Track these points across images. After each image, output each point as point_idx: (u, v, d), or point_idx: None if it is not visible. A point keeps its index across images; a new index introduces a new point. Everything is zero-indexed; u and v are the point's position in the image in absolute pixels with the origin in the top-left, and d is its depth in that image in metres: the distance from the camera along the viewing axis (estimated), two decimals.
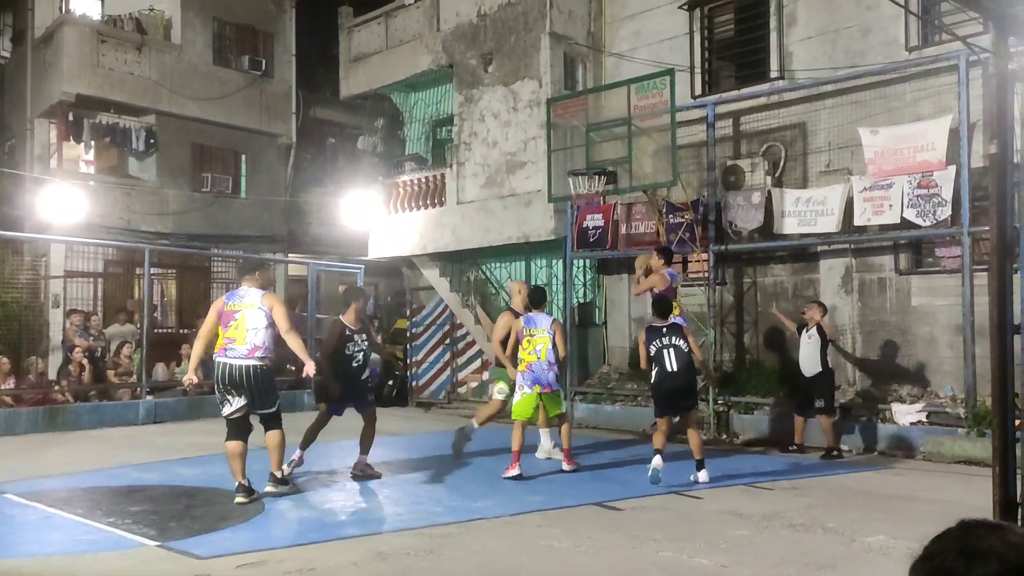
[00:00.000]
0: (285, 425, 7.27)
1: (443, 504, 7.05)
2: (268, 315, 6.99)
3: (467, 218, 14.77)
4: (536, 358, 8.32)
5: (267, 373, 7.10)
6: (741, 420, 11.21)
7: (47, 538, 5.85)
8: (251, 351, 6.94)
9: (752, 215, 11.53)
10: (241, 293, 7.14)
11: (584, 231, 13.09)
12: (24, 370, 12.51)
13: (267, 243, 19.11)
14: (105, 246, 15.78)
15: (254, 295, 7.08)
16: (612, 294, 14.03)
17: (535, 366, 8.32)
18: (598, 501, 7.10)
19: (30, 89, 17.44)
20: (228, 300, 7.17)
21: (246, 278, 7.27)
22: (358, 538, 5.88)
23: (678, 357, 7.84)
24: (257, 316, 6.97)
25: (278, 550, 5.49)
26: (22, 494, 7.10)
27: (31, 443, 10.06)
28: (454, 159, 15.17)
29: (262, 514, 6.56)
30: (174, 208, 17.79)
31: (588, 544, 5.72)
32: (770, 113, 12.00)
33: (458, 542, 5.77)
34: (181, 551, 5.40)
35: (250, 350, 6.93)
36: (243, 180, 19.43)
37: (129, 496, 7.17)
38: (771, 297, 12.00)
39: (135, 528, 5.98)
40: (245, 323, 6.94)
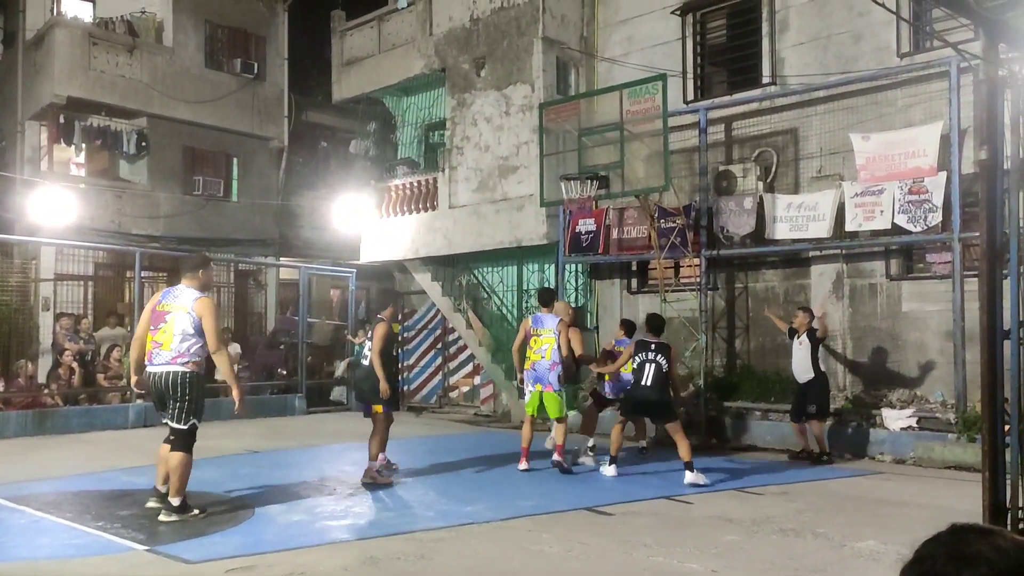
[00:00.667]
0: (277, 428, 7.24)
1: (434, 509, 7.03)
2: (197, 323, 6.35)
3: (459, 222, 14.76)
4: (540, 357, 8.64)
5: (188, 381, 6.34)
6: (732, 424, 11.22)
7: (36, 542, 5.81)
8: (175, 357, 6.32)
9: (744, 220, 11.56)
10: (176, 292, 6.55)
11: (576, 236, 13.09)
12: (13, 373, 12.44)
13: (259, 246, 19.06)
14: (96, 249, 15.72)
15: (188, 297, 6.44)
16: (604, 299, 14.04)
17: (538, 365, 8.64)
18: (589, 506, 7.09)
19: (21, 91, 17.37)
20: (163, 298, 6.56)
21: (186, 276, 6.60)
22: (349, 543, 5.87)
23: (655, 374, 8.30)
24: (185, 321, 6.34)
25: (268, 554, 5.47)
26: (11, 498, 7.05)
27: (20, 446, 10.00)
28: (446, 163, 15.17)
29: (252, 518, 6.53)
30: (165, 211, 17.73)
31: (579, 549, 5.71)
32: (762, 118, 12.03)
33: (449, 547, 5.75)
34: (170, 555, 5.37)
35: (174, 356, 6.32)
36: (235, 183, 19.37)
37: (118, 500, 7.13)
38: (763, 302, 12.02)
39: (124, 532, 5.95)
40: (173, 327, 6.34)
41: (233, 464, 9.17)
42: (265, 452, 10.00)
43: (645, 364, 8.36)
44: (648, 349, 8.40)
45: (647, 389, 8.35)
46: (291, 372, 15.63)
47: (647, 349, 8.41)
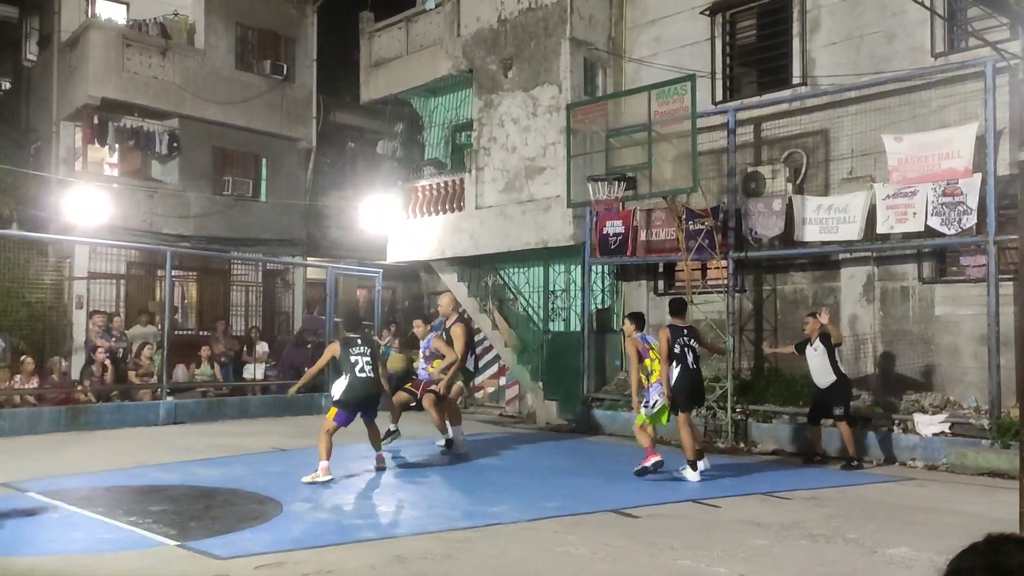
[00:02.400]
0: (304, 426, 7.28)
1: (460, 508, 7.04)
2: None
3: (486, 223, 14.78)
4: None
5: None
6: (759, 429, 11.13)
7: (69, 536, 5.89)
8: None
9: (773, 222, 11.47)
10: None
11: (604, 237, 13.06)
12: (47, 370, 12.62)
13: (286, 246, 19.21)
14: (128, 248, 15.92)
15: None
16: (630, 300, 13.98)
17: None
18: (615, 508, 7.06)
19: (56, 92, 17.64)
20: None
21: None
22: (375, 541, 5.88)
23: (695, 357, 8.55)
24: None
25: (296, 551, 5.50)
26: (44, 492, 7.15)
27: (53, 442, 10.14)
28: (473, 164, 15.19)
29: (280, 515, 6.58)
30: (195, 211, 17.92)
31: (605, 551, 5.69)
32: (792, 119, 11.93)
33: (475, 547, 5.76)
34: (201, 551, 5.42)
35: None
36: (263, 184, 19.54)
37: (150, 496, 7.21)
38: (791, 305, 11.92)
39: (155, 528, 6.02)
40: None
41: (261, 462, 9.25)
42: (292, 451, 10.07)
43: (686, 349, 8.53)
44: (682, 334, 8.58)
45: (697, 372, 8.66)
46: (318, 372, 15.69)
47: (681, 334, 8.57)
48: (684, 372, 8.46)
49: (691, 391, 8.61)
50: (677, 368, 8.43)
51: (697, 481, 8.27)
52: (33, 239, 14.41)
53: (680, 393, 8.50)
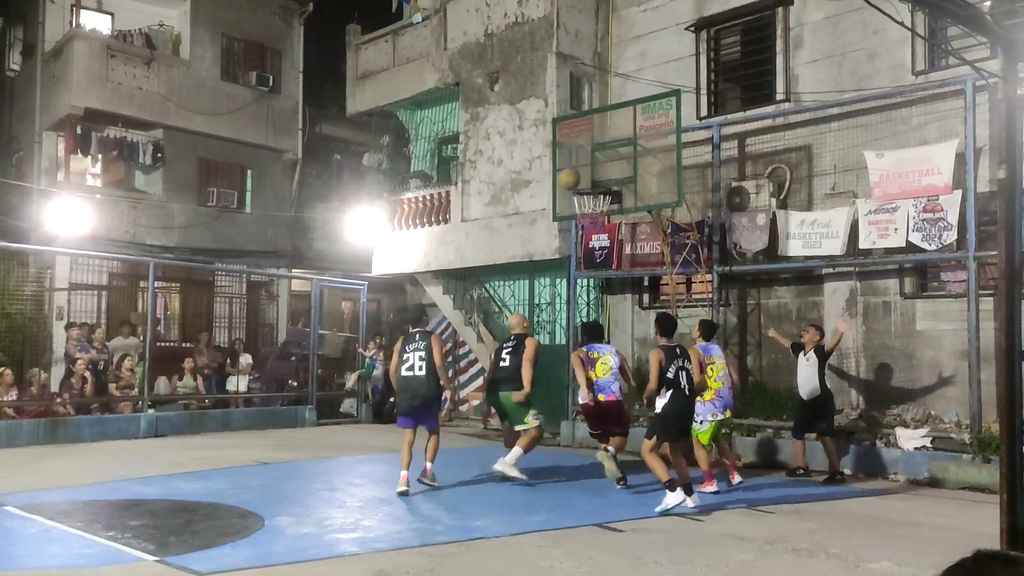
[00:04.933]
0: (287, 439, 7.24)
1: (442, 523, 7.01)
2: None
3: (471, 236, 14.78)
4: (721, 384, 8.97)
5: None
6: (743, 442, 11.14)
7: (46, 551, 5.82)
8: None
9: (757, 237, 11.53)
10: None
11: (590, 251, 13.09)
12: (26, 382, 12.49)
13: (271, 258, 19.14)
14: (110, 259, 15.82)
15: None
16: (615, 314, 14.01)
17: (722, 392, 8.98)
18: (598, 522, 7.05)
19: (39, 102, 17.54)
20: None
21: None
22: (358, 555, 5.84)
23: (690, 380, 7.78)
24: None
25: (278, 567, 5.45)
26: (22, 506, 7.07)
27: (32, 455, 10.04)
28: (459, 177, 15.21)
29: (262, 530, 6.53)
30: (179, 222, 17.84)
31: (589, 566, 5.67)
32: (776, 135, 12.02)
33: (458, 561, 5.73)
34: (180, 567, 5.36)
35: None
36: (248, 195, 19.48)
37: (129, 510, 7.13)
38: (775, 319, 11.97)
39: (135, 542, 5.95)
40: None
41: (243, 475, 9.17)
42: (275, 464, 10.00)
43: (680, 373, 7.67)
44: (676, 356, 7.74)
45: (691, 399, 7.84)
46: (302, 384, 15.64)
47: (675, 356, 7.73)
48: (677, 397, 7.62)
49: (680, 418, 7.77)
50: (668, 393, 7.62)
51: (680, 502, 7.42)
52: (13, 249, 14.25)
53: (666, 418, 7.67)
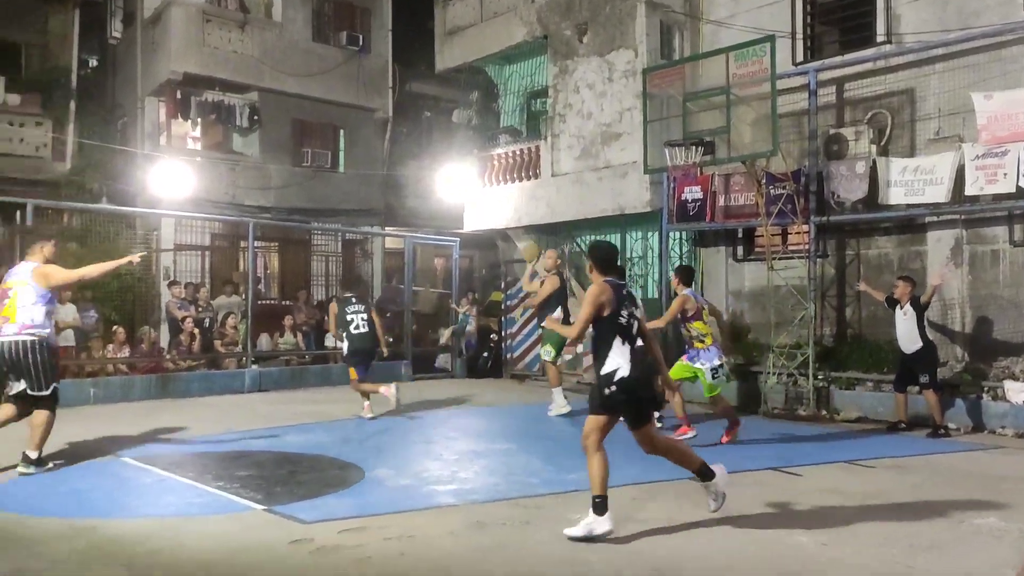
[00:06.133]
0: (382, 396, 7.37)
1: (539, 475, 7.10)
2: (39, 290, 6.76)
3: (562, 190, 14.71)
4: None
5: (39, 351, 6.73)
6: (842, 396, 10.90)
7: (162, 500, 6.16)
8: (20, 329, 6.71)
9: (856, 185, 11.13)
10: (16, 269, 6.97)
11: (683, 203, 12.87)
12: (138, 340, 13.15)
13: (365, 216, 19.50)
14: (212, 220, 16.40)
15: (25, 270, 6.85)
16: (709, 267, 13.78)
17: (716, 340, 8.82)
18: (692, 476, 7.02)
19: (140, 69, 18.18)
20: (7, 277, 6.99)
21: (29, 251, 7.05)
22: (455, 507, 5.99)
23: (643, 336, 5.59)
24: (27, 292, 6.75)
25: (379, 516, 5.63)
26: (137, 458, 7.48)
27: (145, 409, 10.57)
28: (549, 131, 15.11)
29: (362, 481, 6.75)
30: (276, 183, 18.32)
31: (684, 518, 5.67)
32: (876, 79, 11.50)
33: (553, 513, 5.80)
34: (286, 515, 5.59)
35: (19, 328, 6.70)
36: (341, 154, 19.85)
37: (236, 461, 7.47)
38: (875, 270, 11.58)
39: (243, 492, 6.23)
40: (16, 300, 6.73)
41: (343, 429, 9.48)
42: (374, 418, 10.29)
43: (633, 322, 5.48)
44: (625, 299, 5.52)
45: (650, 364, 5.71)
46: (397, 340, 15.99)
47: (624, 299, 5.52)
48: (636, 357, 5.35)
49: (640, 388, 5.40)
50: (624, 348, 5.33)
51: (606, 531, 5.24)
52: (122, 212, 14.96)
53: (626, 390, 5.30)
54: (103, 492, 6.39)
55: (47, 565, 4.53)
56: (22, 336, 6.69)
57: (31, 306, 6.73)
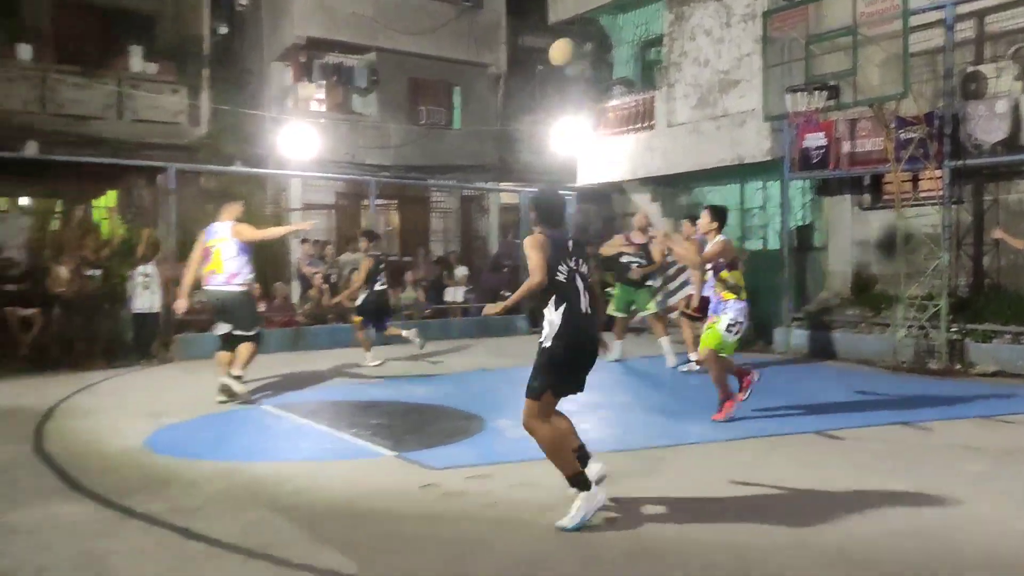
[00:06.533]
0: (503, 347, 7.53)
1: (659, 427, 7.13)
2: (237, 244, 7.87)
3: (678, 141, 14.45)
4: None
5: (243, 298, 7.98)
6: (978, 349, 10.40)
7: (299, 446, 6.53)
8: (227, 279, 7.87)
9: (996, 126, 10.47)
10: (214, 230, 8.01)
11: (805, 151, 12.43)
12: (271, 295, 13.79)
13: (480, 172, 19.68)
14: (336, 179, 16.94)
15: (224, 228, 7.95)
16: (832, 216, 13.31)
17: None
18: (817, 429, 6.91)
19: (266, 34, 18.80)
20: (207, 238, 8.02)
21: (223, 212, 8.16)
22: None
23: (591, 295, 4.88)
24: (228, 247, 7.86)
25: (502, 465, 5.81)
26: (276, 406, 7.95)
27: (280, 361, 11.13)
28: (664, 81, 14.82)
29: (484, 431, 6.96)
30: (394, 141, 18.70)
31: (809, 472, 5.61)
32: (1020, 9, 10.72)
33: (674, 465, 5.84)
34: (416, 461, 5.84)
35: (227, 278, 7.87)
36: (456, 111, 20.04)
37: (368, 410, 7.82)
38: (1016, 217, 10.92)
39: (374, 439, 6.54)
40: (220, 255, 7.86)
41: (464, 380, 9.75)
42: (493, 370, 10.53)
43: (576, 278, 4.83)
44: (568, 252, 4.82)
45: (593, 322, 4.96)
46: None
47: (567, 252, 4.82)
48: (573, 318, 4.72)
49: (580, 355, 4.82)
50: (560, 308, 4.71)
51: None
52: (253, 174, 15.65)
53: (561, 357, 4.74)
54: (246, 438, 6.84)
55: (200, 503, 4.90)
56: (229, 286, 7.87)
57: (233, 259, 7.88)
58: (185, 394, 8.62)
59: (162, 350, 11.25)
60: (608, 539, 4.35)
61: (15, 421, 7.24)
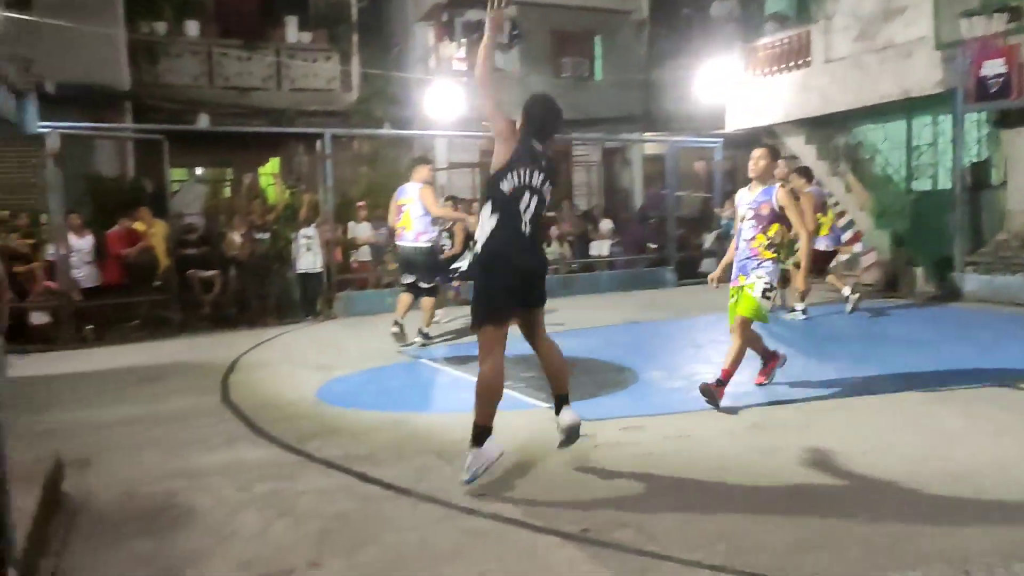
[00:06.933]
0: (651, 300, 7.50)
1: (819, 379, 6.90)
2: (424, 205, 8.62)
3: (836, 77, 13.69)
4: None
5: (429, 253, 8.80)
6: None
7: (459, 397, 6.72)
8: (416, 236, 8.68)
9: None
10: (406, 189, 8.80)
11: (981, 80, 11.49)
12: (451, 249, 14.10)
13: (623, 123, 19.38)
14: (479, 138, 17.12)
15: (414, 189, 8.70)
16: (1012, 150, 12.29)
17: None
18: (993, 381, 6.50)
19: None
20: (399, 196, 8.87)
21: (414, 173, 8.86)
22: (731, 408, 5.99)
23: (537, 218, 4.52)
24: (416, 207, 8.65)
25: (655, 417, 5.80)
26: (434, 360, 8.24)
27: (436, 317, 11.46)
28: (821, 13, 14.02)
29: (636, 384, 6.95)
30: None
31: (985, 424, 5.30)
32: None
33: (835, 418, 5.65)
34: None
35: (415, 235, 8.68)
36: (598, 62, 19.75)
37: (521, 363, 7.90)
38: None
39: (529, 392, 6.67)
40: (410, 213, 8.68)
41: (614, 333, 9.75)
42: (642, 323, 10.46)
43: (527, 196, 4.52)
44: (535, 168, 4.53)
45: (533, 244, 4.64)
46: (661, 246, 15.97)
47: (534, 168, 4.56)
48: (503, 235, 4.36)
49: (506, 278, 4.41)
50: (491, 222, 4.36)
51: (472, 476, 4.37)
52: (401, 136, 16.07)
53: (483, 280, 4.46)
54: (409, 390, 7.15)
55: (370, 451, 5.17)
56: (418, 242, 8.72)
57: (420, 218, 8.67)
58: (349, 349, 9.08)
59: (326, 308, 11.84)
60: (770, 490, 4.28)
61: (203, 374, 7.85)
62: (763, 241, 6.11)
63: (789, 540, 3.65)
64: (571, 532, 3.81)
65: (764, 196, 6.12)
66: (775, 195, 6.08)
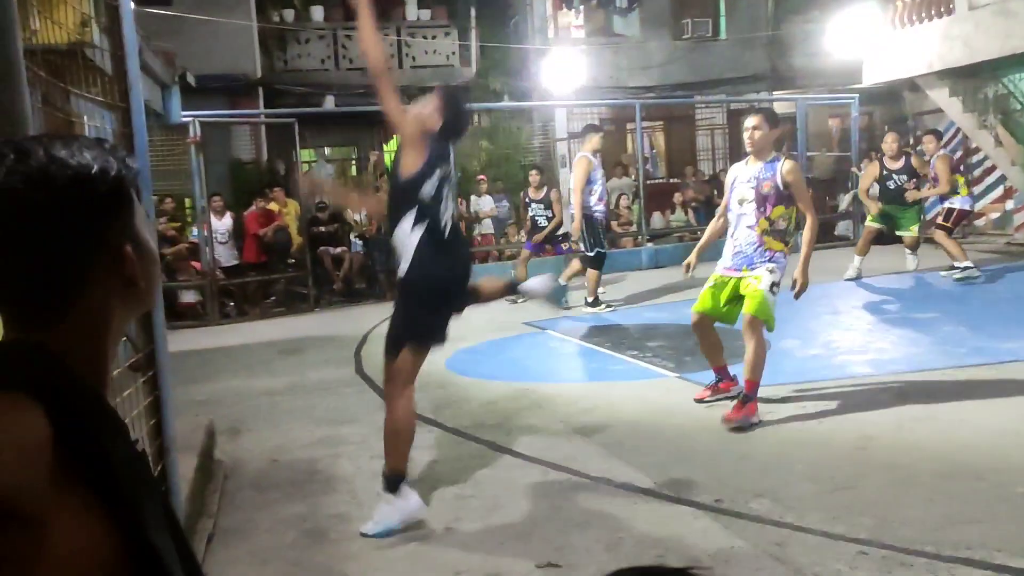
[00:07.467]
0: None
1: (967, 345, 6.53)
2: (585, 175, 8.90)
3: (982, 25, 12.76)
4: None
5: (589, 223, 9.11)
6: None
7: (586, 367, 6.77)
8: None
9: None
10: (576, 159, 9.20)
11: None
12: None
13: (749, 83, 18.72)
14: (599, 105, 16.94)
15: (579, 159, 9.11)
16: None
17: None
18: None
19: None
20: None
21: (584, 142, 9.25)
22: (873, 376, 5.77)
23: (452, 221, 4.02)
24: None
25: (784, 385, 5.63)
26: (560, 331, 8.24)
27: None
28: None
29: (770, 351, 6.69)
30: (657, 60, 18.26)
31: None
32: None
33: (985, 387, 5.34)
34: (698, 382, 5.82)
35: None
36: (722, 20, 19.11)
37: (647, 333, 7.89)
38: None
39: (655, 361, 6.60)
40: None
41: None
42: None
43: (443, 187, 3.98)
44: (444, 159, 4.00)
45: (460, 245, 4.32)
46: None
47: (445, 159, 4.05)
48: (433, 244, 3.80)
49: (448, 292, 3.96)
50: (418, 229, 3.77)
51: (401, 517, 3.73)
52: (520, 108, 16.08)
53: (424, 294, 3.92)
54: (535, 360, 7.20)
55: (500, 420, 5.26)
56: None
57: None
58: (473, 320, 9.12)
59: None
60: (916, 461, 4.10)
61: (338, 346, 8.14)
62: (765, 226, 5.18)
63: (937, 514, 3.49)
64: (705, 502, 3.76)
65: (766, 173, 5.10)
66: (779, 170, 5.07)
